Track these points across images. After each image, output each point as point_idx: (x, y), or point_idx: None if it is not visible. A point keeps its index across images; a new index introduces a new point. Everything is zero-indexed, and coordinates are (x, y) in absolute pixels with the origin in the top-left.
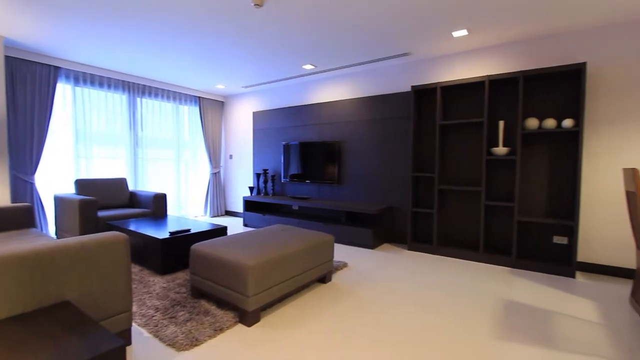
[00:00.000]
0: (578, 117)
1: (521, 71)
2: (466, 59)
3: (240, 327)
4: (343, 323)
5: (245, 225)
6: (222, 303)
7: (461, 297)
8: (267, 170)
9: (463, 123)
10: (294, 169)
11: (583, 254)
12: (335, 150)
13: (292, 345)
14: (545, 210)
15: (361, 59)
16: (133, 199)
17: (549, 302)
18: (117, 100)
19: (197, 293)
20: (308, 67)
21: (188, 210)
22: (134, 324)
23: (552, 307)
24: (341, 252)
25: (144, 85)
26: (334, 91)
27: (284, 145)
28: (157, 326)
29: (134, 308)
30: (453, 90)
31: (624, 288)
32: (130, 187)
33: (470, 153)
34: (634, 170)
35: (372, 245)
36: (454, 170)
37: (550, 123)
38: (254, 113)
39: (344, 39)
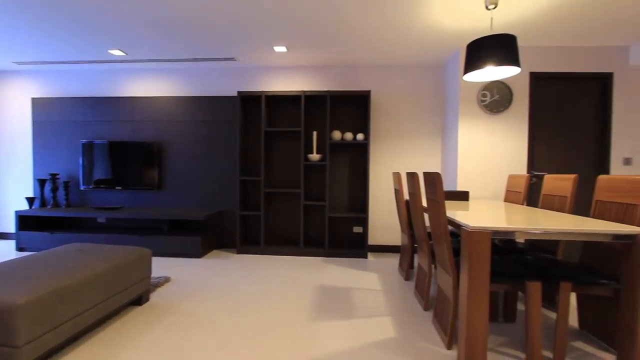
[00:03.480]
0: (366, 132)
1: (328, 90)
2: (287, 73)
3: None
4: (163, 350)
5: (20, 249)
6: None
7: (285, 289)
8: (56, 175)
9: (285, 131)
10: (99, 174)
11: (372, 239)
12: (155, 151)
13: None
14: (348, 207)
15: (183, 55)
16: None
17: (350, 281)
18: None
19: None
20: (116, 52)
21: None
22: None
23: (352, 284)
24: (163, 265)
25: None
26: (154, 86)
27: (84, 144)
28: None
29: None
30: (277, 100)
31: (396, 260)
32: None
33: (292, 158)
34: (398, 174)
35: (200, 254)
36: (278, 174)
37: (349, 136)
38: (33, 99)
39: (159, 31)
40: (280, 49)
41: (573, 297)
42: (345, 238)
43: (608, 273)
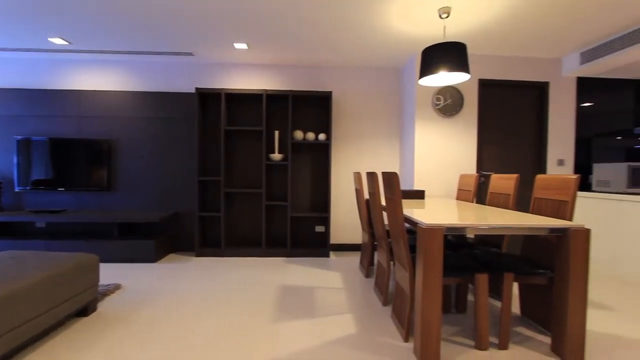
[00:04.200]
0: (328, 133)
1: (290, 90)
2: (249, 71)
3: None
4: None
5: None
6: None
7: (246, 292)
8: None
9: (246, 130)
10: (38, 174)
11: (334, 238)
12: (104, 149)
13: None
14: (310, 206)
15: (135, 47)
16: None
17: (312, 280)
18: None
19: None
20: (58, 41)
21: None
22: None
23: (314, 283)
24: (114, 272)
25: None
26: (103, 79)
27: (19, 141)
28: None
29: None
30: (237, 98)
31: (357, 258)
32: None
33: (253, 158)
34: (358, 173)
35: (154, 259)
36: (239, 174)
37: (311, 136)
38: None
39: (107, 20)
40: (240, 45)
41: (516, 286)
42: (307, 238)
43: (544, 263)
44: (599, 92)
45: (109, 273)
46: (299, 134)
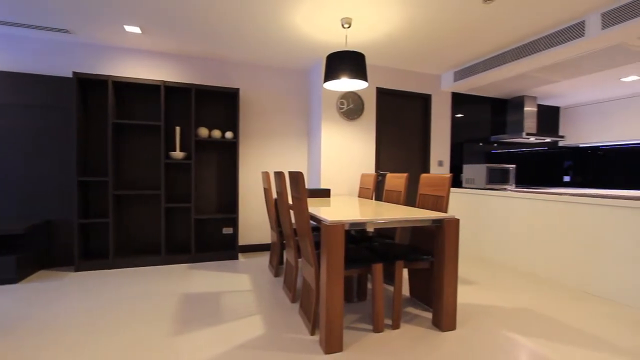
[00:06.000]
0: (236, 131)
1: (193, 84)
2: (144, 58)
3: None
4: None
5: None
6: None
7: (142, 305)
8: None
9: (141, 124)
10: None
11: (243, 239)
12: None
13: None
14: (216, 207)
15: None
16: None
17: (219, 285)
18: None
19: None
20: None
21: None
22: None
23: (222, 288)
24: None
25: None
26: None
27: None
28: None
29: None
30: (129, 88)
31: (267, 258)
32: None
33: (150, 156)
34: (267, 173)
35: (16, 279)
36: (133, 174)
37: (217, 133)
38: None
39: None
40: (132, 28)
41: (406, 272)
42: (214, 240)
43: (428, 250)
44: (468, 106)
45: None
46: (203, 131)
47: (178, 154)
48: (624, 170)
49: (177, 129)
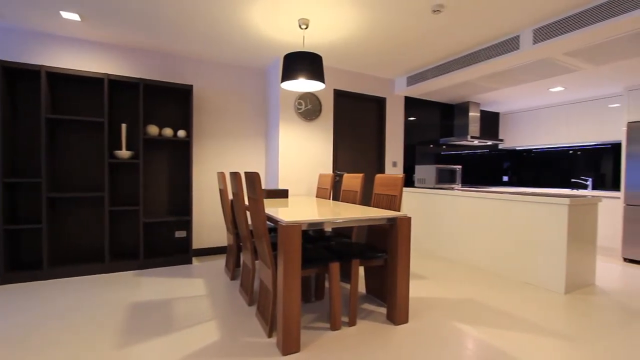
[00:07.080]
0: (189, 129)
1: (142, 78)
2: (84, 49)
3: None
4: None
5: None
6: None
7: (81, 318)
8: None
9: (81, 120)
10: None
11: (197, 242)
12: None
13: None
14: (168, 210)
15: None
16: None
17: (171, 292)
18: None
19: None
20: None
21: None
22: None
23: (174, 295)
24: None
25: None
26: None
27: None
28: None
29: None
30: (68, 80)
31: (223, 261)
32: None
33: (92, 155)
34: (222, 173)
35: None
36: (71, 174)
37: (168, 132)
38: None
39: None
40: (69, 15)
41: (362, 269)
42: (166, 245)
43: (383, 248)
44: (420, 109)
45: None
46: (153, 129)
47: (124, 153)
48: (552, 171)
49: (124, 126)
